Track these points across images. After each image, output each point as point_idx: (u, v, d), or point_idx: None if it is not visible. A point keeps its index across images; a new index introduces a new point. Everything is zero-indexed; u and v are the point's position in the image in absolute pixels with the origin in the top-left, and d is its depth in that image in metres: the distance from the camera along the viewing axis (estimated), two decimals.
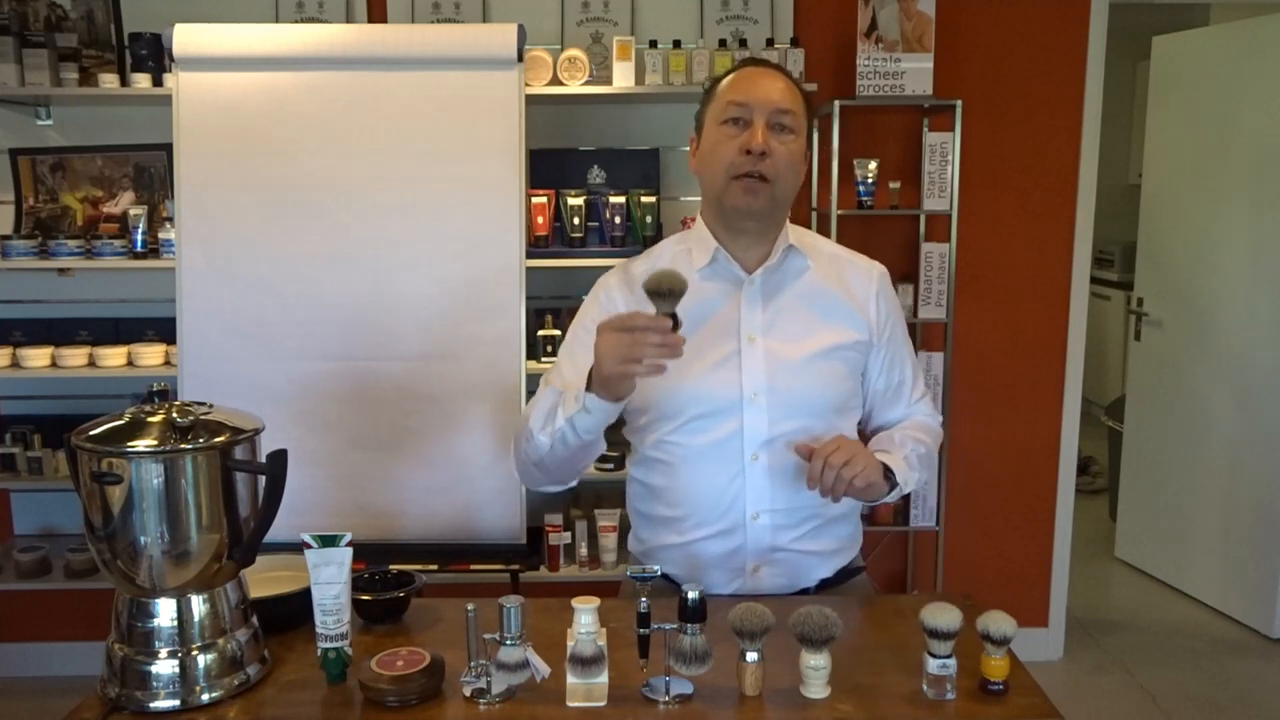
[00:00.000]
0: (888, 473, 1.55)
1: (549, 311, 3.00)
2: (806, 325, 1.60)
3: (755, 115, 1.54)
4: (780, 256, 1.61)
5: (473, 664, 1.26)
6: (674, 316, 1.35)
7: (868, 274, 1.68)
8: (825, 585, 1.67)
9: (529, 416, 1.56)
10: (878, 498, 1.57)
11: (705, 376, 1.56)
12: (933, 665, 1.26)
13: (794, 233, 1.65)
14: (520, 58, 2.45)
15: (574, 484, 1.65)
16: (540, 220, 2.92)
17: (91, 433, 1.27)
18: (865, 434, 1.73)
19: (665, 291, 1.35)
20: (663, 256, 1.66)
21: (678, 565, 1.64)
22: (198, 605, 1.30)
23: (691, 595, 1.25)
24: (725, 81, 1.61)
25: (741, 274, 1.60)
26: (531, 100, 2.69)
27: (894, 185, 3.10)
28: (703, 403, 1.56)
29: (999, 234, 3.26)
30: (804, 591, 1.64)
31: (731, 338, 1.57)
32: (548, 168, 3.10)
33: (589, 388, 1.44)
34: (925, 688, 1.27)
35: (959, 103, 3.01)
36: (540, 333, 2.93)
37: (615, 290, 1.64)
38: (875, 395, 1.69)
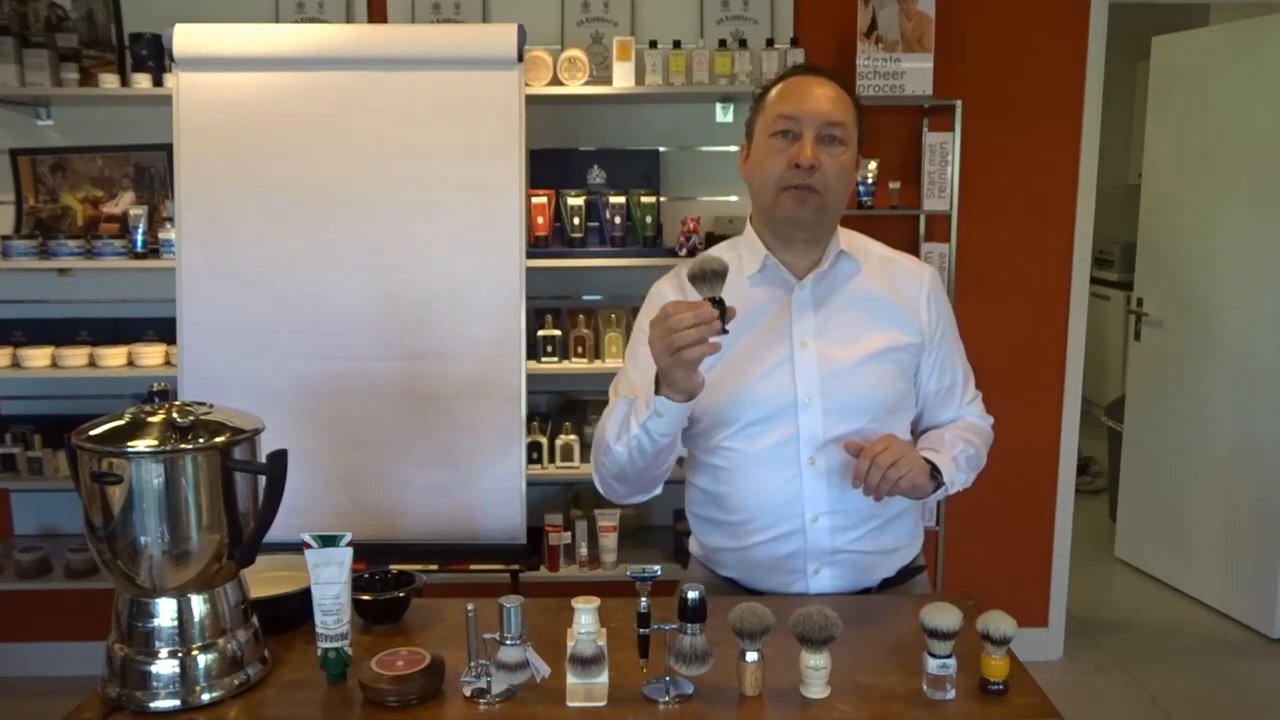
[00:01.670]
0: (935, 472, 1.56)
1: (549, 311, 3.00)
2: (858, 328, 1.59)
3: (804, 128, 1.53)
4: (831, 262, 1.60)
5: (473, 664, 1.26)
6: (719, 301, 1.34)
7: (918, 276, 1.67)
8: (887, 584, 1.67)
9: (604, 430, 1.55)
10: (922, 496, 1.58)
11: (759, 382, 1.56)
12: (933, 665, 1.26)
13: (844, 236, 1.65)
14: (520, 58, 2.45)
15: (659, 491, 1.63)
16: (540, 220, 2.92)
17: (92, 433, 1.27)
18: (916, 434, 1.72)
19: (704, 274, 1.35)
20: None
21: (739, 569, 1.65)
22: (198, 605, 1.30)
23: (691, 595, 1.25)
24: (775, 91, 1.59)
25: (792, 280, 1.60)
26: (531, 100, 2.69)
27: (894, 185, 3.10)
28: (757, 408, 1.56)
29: (999, 234, 3.26)
30: (865, 591, 1.64)
31: (784, 343, 1.57)
32: (548, 168, 3.10)
33: (657, 391, 1.42)
34: (925, 688, 1.27)
35: (959, 103, 3.02)
36: (540, 333, 2.93)
37: (669, 294, 1.64)
38: (927, 397, 1.69)
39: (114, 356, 2.95)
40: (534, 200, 2.89)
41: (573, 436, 3.00)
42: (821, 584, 1.61)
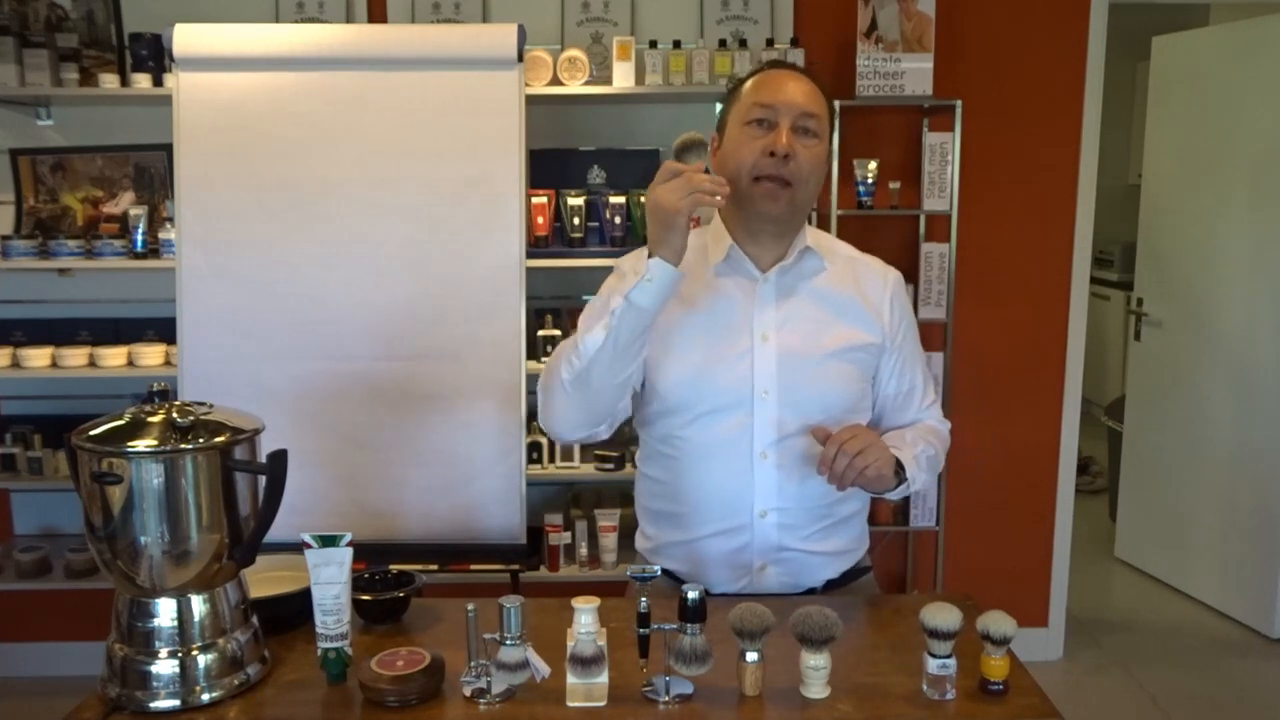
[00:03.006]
0: (899, 468, 1.55)
1: (549, 311, 3.00)
2: (820, 325, 1.60)
3: (780, 118, 1.53)
4: (796, 257, 1.60)
5: (473, 664, 1.26)
6: (707, 170, 1.43)
7: (883, 278, 1.67)
8: (831, 585, 1.67)
9: (575, 334, 1.50)
10: (884, 490, 1.56)
11: (716, 371, 1.56)
12: (933, 665, 1.26)
13: (812, 235, 1.65)
14: (520, 58, 2.45)
15: (602, 432, 1.56)
16: (540, 220, 2.92)
17: (91, 433, 1.27)
18: None
19: (691, 145, 1.44)
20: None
21: (684, 563, 1.64)
22: (198, 605, 1.30)
23: (691, 595, 1.25)
24: (750, 82, 1.59)
25: (756, 272, 1.60)
26: (531, 100, 2.69)
27: (894, 185, 3.10)
28: (713, 398, 1.56)
29: (999, 234, 3.26)
30: (810, 592, 1.64)
31: (744, 334, 1.57)
32: (548, 168, 3.10)
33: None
34: (925, 688, 1.27)
35: (959, 103, 3.02)
36: (540, 333, 2.93)
37: (630, 264, 1.61)
38: (886, 400, 1.68)
39: (114, 356, 2.95)
40: (534, 200, 2.89)
41: None
42: (767, 582, 1.60)
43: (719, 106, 3.05)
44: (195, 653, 1.28)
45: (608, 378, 1.49)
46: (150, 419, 1.27)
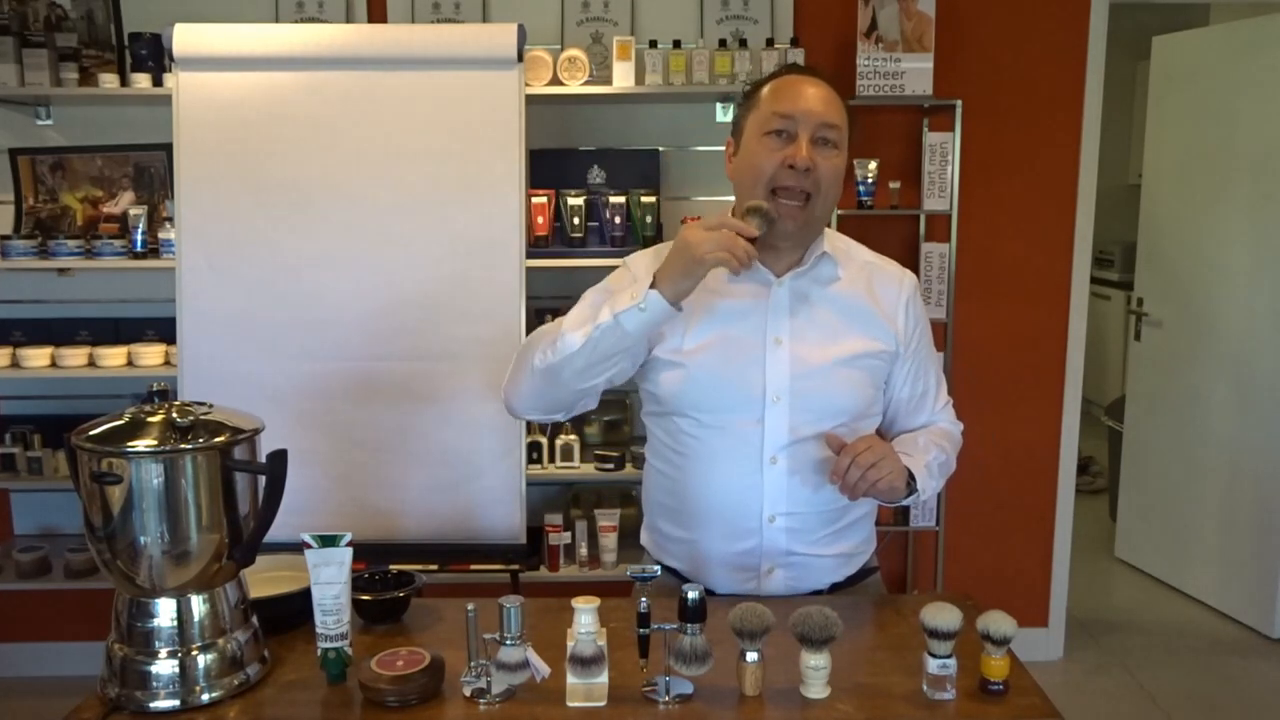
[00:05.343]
0: (910, 477, 1.55)
1: (549, 311, 3.00)
2: (833, 331, 1.59)
3: (800, 128, 1.51)
4: (811, 263, 1.59)
5: (473, 664, 1.27)
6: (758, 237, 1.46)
7: (898, 283, 1.66)
8: (837, 587, 1.67)
9: (557, 325, 1.51)
10: (895, 500, 1.56)
11: (728, 375, 1.56)
12: (933, 665, 1.26)
13: (830, 239, 1.63)
14: (520, 58, 2.45)
15: (559, 418, 1.64)
16: (540, 220, 2.93)
17: (91, 433, 1.27)
18: (887, 439, 1.71)
19: (758, 212, 1.46)
20: None
21: (688, 561, 1.64)
22: (198, 605, 1.30)
23: (691, 595, 1.25)
24: (768, 89, 1.57)
25: (770, 277, 1.59)
26: (531, 100, 2.69)
27: (894, 185, 3.10)
28: (724, 401, 1.56)
29: (999, 234, 3.26)
30: (816, 593, 1.64)
31: (757, 339, 1.57)
32: (548, 168, 3.10)
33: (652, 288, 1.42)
34: (925, 688, 1.27)
35: (959, 103, 3.02)
36: None
37: (643, 266, 1.62)
38: (899, 404, 1.68)
39: (114, 356, 2.95)
40: (534, 200, 2.89)
41: (573, 436, 3.00)
42: (774, 585, 1.60)
43: (718, 106, 3.11)
44: (195, 653, 1.28)
45: (576, 381, 1.50)
46: (150, 419, 1.27)
